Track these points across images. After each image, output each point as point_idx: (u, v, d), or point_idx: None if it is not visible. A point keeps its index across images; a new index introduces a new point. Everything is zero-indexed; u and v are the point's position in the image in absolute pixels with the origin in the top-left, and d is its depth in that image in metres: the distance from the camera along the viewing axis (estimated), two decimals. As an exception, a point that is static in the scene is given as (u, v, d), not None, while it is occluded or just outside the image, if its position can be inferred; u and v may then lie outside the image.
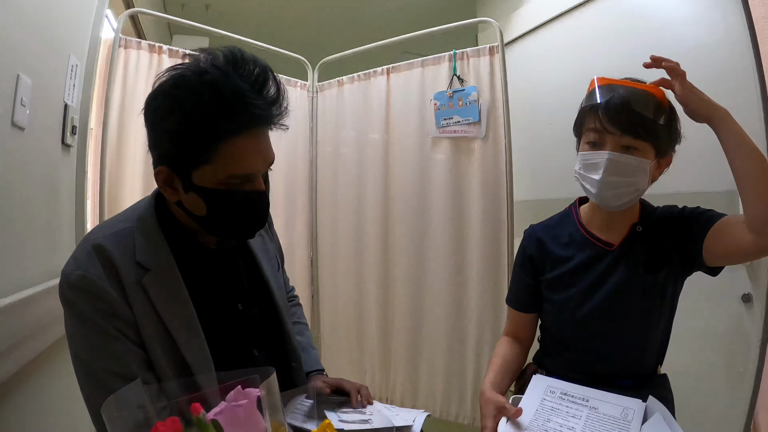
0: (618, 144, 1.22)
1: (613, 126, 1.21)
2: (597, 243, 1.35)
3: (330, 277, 2.80)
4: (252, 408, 0.65)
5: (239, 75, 0.98)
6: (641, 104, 1.20)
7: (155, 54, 2.22)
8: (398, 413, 1.32)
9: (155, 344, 1.02)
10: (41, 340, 1.37)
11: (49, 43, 1.47)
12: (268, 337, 1.28)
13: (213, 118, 0.95)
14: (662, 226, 1.31)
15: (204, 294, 1.11)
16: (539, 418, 1.13)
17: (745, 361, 1.42)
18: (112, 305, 0.98)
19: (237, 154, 1.00)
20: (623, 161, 1.21)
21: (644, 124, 1.20)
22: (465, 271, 2.31)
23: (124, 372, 0.97)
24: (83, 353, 0.99)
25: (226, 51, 1.00)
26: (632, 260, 1.30)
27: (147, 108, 1.03)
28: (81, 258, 1.00)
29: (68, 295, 0.98)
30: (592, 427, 1.08)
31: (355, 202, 2.65)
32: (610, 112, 1.22)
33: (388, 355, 2.57)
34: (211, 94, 0.95)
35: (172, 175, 1.03)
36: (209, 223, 1.08)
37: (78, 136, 1.73)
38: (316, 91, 2.81)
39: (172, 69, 1.01)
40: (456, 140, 2.32)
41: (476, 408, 2.31)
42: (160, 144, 1.03)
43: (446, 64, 2.35)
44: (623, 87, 1.23)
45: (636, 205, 1.36)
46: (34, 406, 1.39)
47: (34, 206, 1.42)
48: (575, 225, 1.41)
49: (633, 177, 1.22)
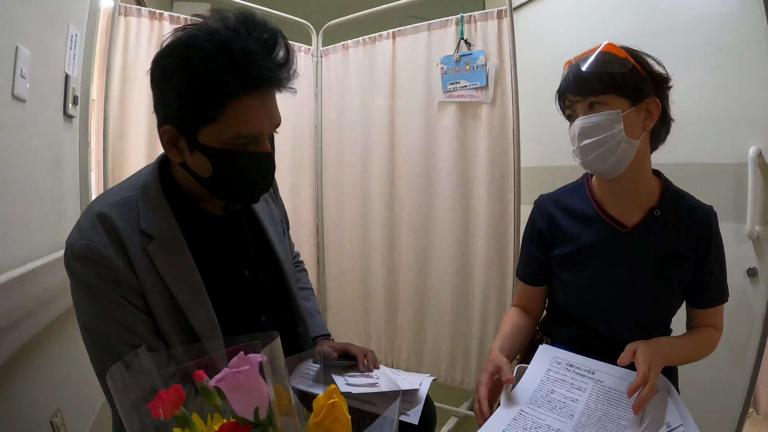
0: (585, 107, 1.23)
1: (573, 94, 1.24)
2: (610, 222, 1.30)
3: (336, 243, 2.81)
4: (254, 374, 0.64)
5: (250, 36, 0.97)
6: (593, 65, 1.21)
7: (156, 21, 2.18)
8: (404, 377, 1.34)
9: (162, 312, 1.02)
10: (50, 311, 1.39)
11: (47, 13, 1.45)
12: (274, 302, 1.28)
13: (222, 76, 0.94)
14: (686, 228, 1.26)
15: (210, 261, 1.10)
16: (543, 388, 1.13)
17: (748, 335, 1.42)
18: (117, 273, 0.98)
19: (244, 114, 0.99)
20: (589, 122, 1.21)
21: (600, 80, 1.20)
22: (471, 238, 2.31)
23: (132, 339, 0.98)
24: (91, 322, 1.00)
25: (237, 13, 0.99)
26: (646, 246, 1.26)
27: (154, 66, 1.01)
28: (85, 227, 1.00)
29: (73, 264, 0.99)
30: (596, 400, 1.08)
31: (361, 167, 2.64)
32: (568, 84, 1.25)
33: (393, 320, 2.60)
34: (222, 52, 0.94)
35: (178, 134, 1.02)
36: (214, 185, 1.07)
37: (80, 106, 1.72)
38: (321, 55, 2.77)
39: (181, 29, 0.99)
40: (463, 105, 2.29)
41: (481, 374, 2.34)
42: (167, 102, 1.01)
43: (453, 28, 2.30)
44: (579, 60, 1.25)
45: (656, 185, 1.31)
46: (44, 377, 1.41)
47: (38, 178, 1.42)
48: (587, 199, 1.36)
49: (606, 132, 1.20)
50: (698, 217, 1.26)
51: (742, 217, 1.54)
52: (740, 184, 1.55)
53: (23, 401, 1.29)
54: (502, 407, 1.10)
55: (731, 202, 1.61)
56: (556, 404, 1.08)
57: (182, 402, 0.60)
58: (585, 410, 1.06)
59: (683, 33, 1.81)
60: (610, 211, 1.31)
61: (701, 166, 1.76)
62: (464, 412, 2.52)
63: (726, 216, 1.60)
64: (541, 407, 1.08)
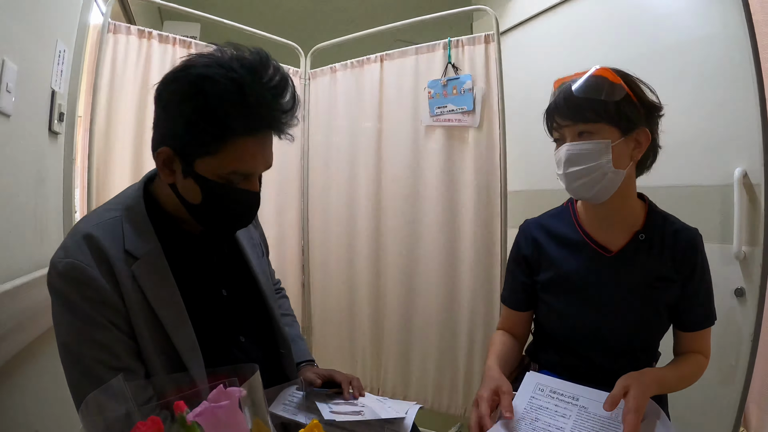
0: (574, 133, 1.22)
1: (563, 118, 1.23)
2: (595, 247, 1.30)
3: (321, 267, 2.79)
4: (233, 408, 0.63)
5: (262, 80, 1.01)
6: (586, 89, 1.19)
7: (144, 39, 2.17)
8: (390, 405, 1.31)
9: (144, 331, 1.02)
10: (29, 331, 1.36)
11: (35, 28, 1.44)
12: (254, 323, 1.29)
13: (231, 114, 0.98)
14: (671, 251, 1.26)
15: (188, 280, 1.11)
16: (527, 416, 1.11)
17: (737, 355, 1.43)
18: (101, 293, 0.98)
19: (243, 153, 1.03)
20: (576, 149, 1.21)
21: (592, 107, 1.19)
22: (457, 262, 2.30)
23: (112, 361, 0.98)
24: (71, 342, 0.99)
25: (253, 52, 1.02)
26: (631, 270, 1.26)
27: (164, 87, 1.04)
28: (71, 247, 1.00)
29: (57, 283, 0.98)
30: (581, 427, 1.06)
31: (347, 190, 2.63)
32: (559, 107, 1.24)
33: (379, 345, 2.57)
34: (235, 92, 0.97)
35: (174, 157, 1.04)
36: (199, 212, 1.09)
37: (66, 123, 1.71)
38: (309, 78, 2.78)
39: (199, 56, 1.03)
40: (450, 129, 2.30)
41: (468, 399, 2.32)
42: (171, 125, 1.03)
43: (441, 52, 2.32)
44: (571, 81, 1.23)
45: (640, 208, 1.31)
46: (22, 399, 1.37)
47: (21, 195, 1.40)
48: (572, 224, 1.36)
49: (594, 161, 1.19)
50: (683, 240, 1.26)
51: (728, 238, 1.56)
52: (726, 205, 1.56)
53: (1, 421, 1.26)
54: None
55: (718, 224, 1.63)
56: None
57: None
58: None
59: (669, 55, 1.84)
60: (594, 235, 1.31)
61: (687, 188, 1.78)
62: (450, 438, 2.49)
63: (713, 237, 1.61)
64: None
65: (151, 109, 2.21)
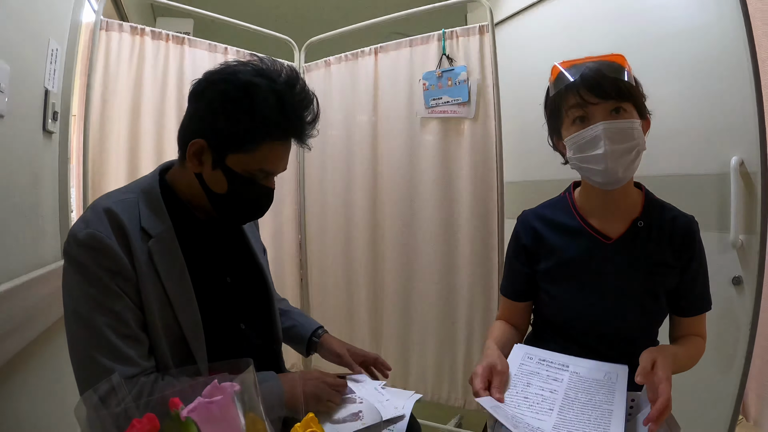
0: (606, 111, 1.18)
1: (596, 95, 1.18)
2: (593, 233, 1.30)
3: (319, 260, 2.79)
4: (227, 404, 0.63)
5: (296, 94, 1.15)
6: (613, 70, 1.19)
7: (137, 36, 2.17)
8: (389, 397, 1.33)
9: (153, 305, 1.08)
10: (26, 332, 1.35)
11: (27, 27, 1.43)
12: (255, 312, 1.34)
13: (272, 120, 1.11)
14: (670, 237, 1.26)
15: (196, 264, 1.17)
16: (518, 383, 1.10)
17: (735, 344, 1.43)
18: (117, 263, 1.04)
19: (272, 155, 1.17)
20: (620, 126, 1.17)
21: (625, 86, 1.18)
22: (455, 253, 2.31)
23: (121, 327, 1.03)
24: (81, 307, 1.03)
25: (288, 70, 1.16)
26: (631, 257, 1.26)
27: (210, 86, 1.14)
28: (91, 219, 1.06)
29: (75, 252, 1.04)
30: (576, 389, 1.06)
31: (343, 184, 2.63)
32: (589, 82, 1.19)
33: (378, 338, 2.58)
34: (278, 101, 1.11)
35: (207, 149, 1.14)
36: (221, 201, 1.18)
37: (60, 122, 1.69)
38: (303, 71, 2.77)
39: (242, 63, 1.15)
40: (445, 121, 2.30)
41: (467, 390, 2.32)
42: (211, 121, 1.12)
43: (435, 44, 2.31)
44: (589, 61, 1.23)
45: (638, 196, 1.31)
46: (21, 400, 1.37)
47: (16, 196, 1.39)
48: (570, 212, 1.35)
49: (633, 140, 1.17)
50: (681, 226, 1.26)
51: (725, 226, 1.56)
52: (723, 193, 1.56)
53: (2, 424, 1.26)
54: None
55: (715, 212, 1.63)
56: (533, 400, 1.05)
57: (156, 431, 0.59)
58: (565, 401, 1.03)
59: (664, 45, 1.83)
60: (593, 223, 1.31)
61: (684, 177, 1.77)
62: (452, 430, 2.49)
63: (710, 226, 1.61)
64: (518, 407, 1.04)
65: (145, 106, 2.23)
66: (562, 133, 1.28)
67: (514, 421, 0.96)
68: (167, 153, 2.23)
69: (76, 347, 1.03)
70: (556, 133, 1.32)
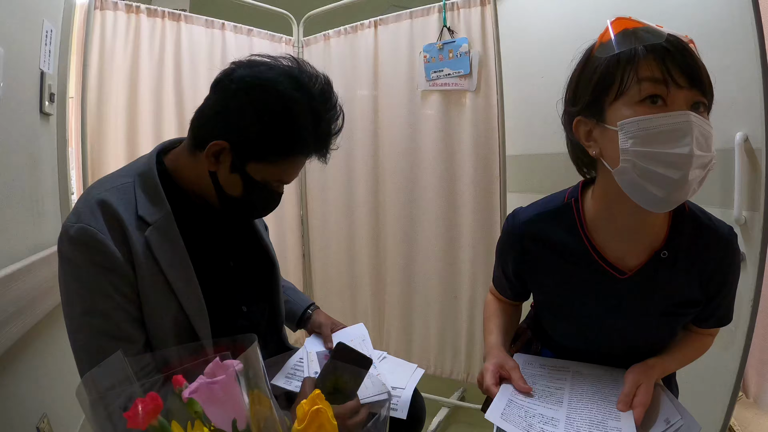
0: (688, 101, 0.86)
1: (687, 77, 0.85)
2: (604, 266, 1.03)
3: (320, 235, 2.80)
4: (230, 383, 0.62)
5: (329, 109, 1.14)
6: (693, 54, 0.87)
7: (133, 14, 2.14)
8: (393, 369, 1.37)
9: (155, 295, 1.05)
10: (31, 314, 1.36)
11: (20, 8, 1.41)
12: (259, 294, 1.32)
13: (307, 138, 1.11)
14: (700, 269, 1.01)
15: (197, 249, 1.13)
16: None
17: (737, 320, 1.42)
18: (109, 259, 1.00)
19: (294, 168, 1.16)
20: (707, 129, 0.86)
21: (709, 78, 0.88)
22: (457, 227, 2.31)
23: (111, 329, 1.01)
24: (74, 309, 1.01)
25: (323, 82, 1.13)
26: (648, 296, 1.02)
27: (241, 88, 1.08)
28: (83, 212, 1.02)
29: (66, 249, 1.01)
30: (581, 384, 1.06)
31: (345, 159, 2.62)
32: (680, 58, 0.85)
33: (381, 312, 2.59)
34: (314, 120, 1.10)
35: (228, 152, 1.09)
36: (233, 203, 1.15)
37: (57, 103, 1.68)
38: (302, 46, 2.74)
39: (274, 67, 1.11)
40: (446, 94, 2.27)
41: (470, 364, 2.34)
42: (240, 125, 1.08)
43: (436, 16, 2.28)
44: (660, 29, 0.89)
45: (664, 217, 1.01)
46: (29, 382, 1.39)
47: (15, 179, 1.39)
48: (576, 230, 1.05)
49: (711, 151, 0.87)
50: (715, 254, 1.01)
51: (729, 202, 1.53)
52: (727, 169, 1.53)
53: (8, 407, 1.27)
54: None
55: (718, 188, 1.60)
56: (542, 394, 1.04)
57: (159, 411, 0.58)
58: (572, 394, 1.03)
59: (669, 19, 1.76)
60: (604, 250, 1.03)
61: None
62: (455, 403, 2.52)
63: (713, 202, 1.59)
64: (527, 399, 1.02)
65: (143, 86, 2.21)
66: (612, 112, 0.90)
67: (528, 428, 0.94)
68: (166, 132, 2.22)
69: (71, 341, 1.02)
70: (595, 110, 0.94)
